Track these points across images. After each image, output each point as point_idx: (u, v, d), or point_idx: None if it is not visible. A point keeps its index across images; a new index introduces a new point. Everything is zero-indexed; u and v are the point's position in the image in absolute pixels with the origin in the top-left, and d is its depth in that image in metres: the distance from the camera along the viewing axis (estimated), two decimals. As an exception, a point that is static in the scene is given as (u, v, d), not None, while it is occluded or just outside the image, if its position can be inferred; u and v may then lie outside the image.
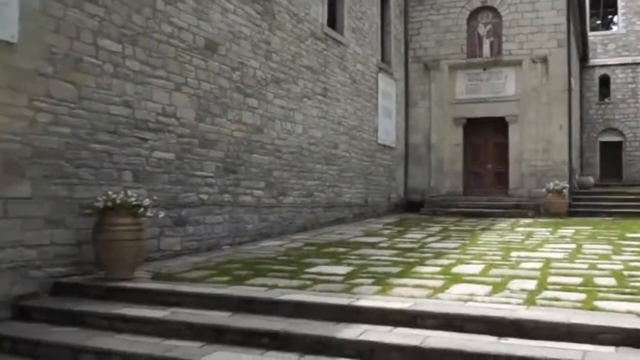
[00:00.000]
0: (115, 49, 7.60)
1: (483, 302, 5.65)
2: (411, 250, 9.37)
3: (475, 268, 7.50)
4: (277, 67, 11.53)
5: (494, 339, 4.89)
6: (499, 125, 19.04)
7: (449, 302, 5.66)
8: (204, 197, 9.28)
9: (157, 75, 8.31)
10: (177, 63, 8.72)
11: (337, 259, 8.35)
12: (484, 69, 19.29)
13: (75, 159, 7.03)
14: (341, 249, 9.44)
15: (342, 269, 7.45)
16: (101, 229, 6.71)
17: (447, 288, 6.25)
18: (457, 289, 6.19)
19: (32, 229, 6.48)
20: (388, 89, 18.06)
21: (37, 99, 6.55)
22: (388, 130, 18.04)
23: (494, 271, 7.27)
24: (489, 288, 6.20)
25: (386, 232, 12.56)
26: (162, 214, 7.55)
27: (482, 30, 19.40)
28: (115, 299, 6.42)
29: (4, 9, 6.12)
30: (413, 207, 18.79)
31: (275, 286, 6.45)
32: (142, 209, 6.79)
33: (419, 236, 11.51)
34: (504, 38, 19.03)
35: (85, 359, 5.33)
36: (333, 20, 14.58)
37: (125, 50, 7.77)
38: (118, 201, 6.66)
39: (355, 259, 8.34)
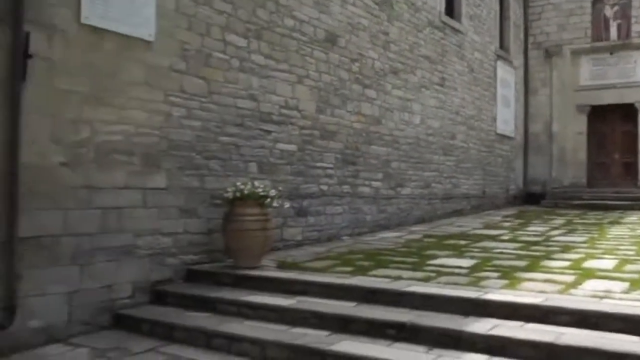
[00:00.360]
0: (241, 44, 7.85)
1: (620, 299, 5.36)
2: (535, 243, 9.06)
3: (607, 263, 7.13)
4: (395, 58, 11.47)
5: (635, 338, 4.63)
6: (628, 112, 17.90)
7: (582, 298, 5.42)
8: (324, 188, 9.42)
9: (280, 68, 8.51)
10: (299, 56, 8.89)
11: (458, 252, 8.22)
12: (611, 53, 18.20)
13: (206, 151, 7.34)
14: (462, 242, 9.28)
15: (466, 262, 7.32)
16: (230, 218, 6.97)
17: (580, 284, 6.00)
18: (591, 285, 5.92)
19: (167, 218, 6.84)
20: (507, 77, 17.51)
21: (172, 94, 6.89)
22: (506, 119, 17.50)
23: (629, 267, 6.88)
24: (625, 285, 5.88)
25: (506, 224, 12.21)
26: (287, 205, 7.75)
27: (608, 12, 18.33)
28: (244, 286, 6.65)
29: (143, 9, 6.49)
30: (532, 199, 18.13)
31: (399, 277, 6.45)
32: (268, 200, 6.99)
33: (542, 229, 11.11)
34: (633, 19, 17.88)
35: (217, 343, 5.53)
36: (451, 8, 14.28)
37: (251, 44, 8.01)
38: (246, 192, 6.90)
39: (477, 252, 8.17)
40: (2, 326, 5.27)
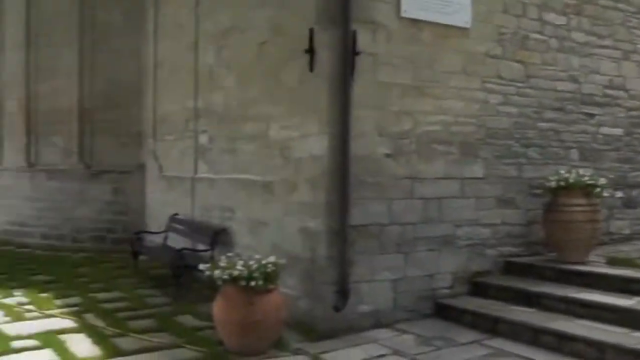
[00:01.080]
0: (559, 22, 7.35)
1: None
2: None
3: None
4: None
5: None
6: None
7: None
8: (659, 176, 8.39)
9: (603, 44, 7.78)
10: (625, 29, 8.02)
11: None
12: None
13: (523, 139, 7.03)
14: None
15: None
16: (553, 209, 6.58)
17: None
18: None
19: (484, 209, 6.71)
20: None
21: (488, 81, 6.74)
22: None
23: None
24: None
25: None
26: (618, 194, 7.06)
27: None
28: (570, 282, 6.21)
29: (458, -3, 6.43)
30: None
31: None
32: (597, 189, 6.42)
33: None
34: None
35: (545, 341, 5.26)
36: None
37: (570, 21, 7.46)
38: (571, 180, 6.44)
39: None
40: (337, 308, 5.64)
